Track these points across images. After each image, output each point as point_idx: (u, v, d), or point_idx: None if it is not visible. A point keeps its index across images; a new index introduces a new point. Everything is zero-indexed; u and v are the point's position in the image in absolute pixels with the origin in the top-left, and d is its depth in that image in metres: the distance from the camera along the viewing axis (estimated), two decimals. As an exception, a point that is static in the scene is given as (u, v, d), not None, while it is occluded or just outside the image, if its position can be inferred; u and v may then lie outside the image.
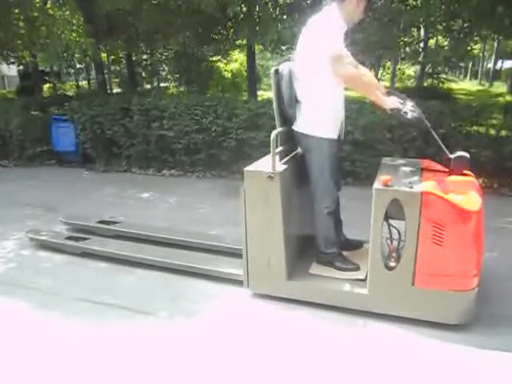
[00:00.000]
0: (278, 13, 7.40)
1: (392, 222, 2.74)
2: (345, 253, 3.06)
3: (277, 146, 2.78)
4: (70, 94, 12.31)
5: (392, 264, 2.63)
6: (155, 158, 6.50)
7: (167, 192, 5.47)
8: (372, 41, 6.03)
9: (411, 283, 2.52)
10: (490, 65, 27.52)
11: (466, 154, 2.65)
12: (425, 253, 2.45)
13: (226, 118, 5.87)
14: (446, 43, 9.11)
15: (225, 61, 14.15)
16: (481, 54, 26.54)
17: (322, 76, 2.66)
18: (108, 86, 12.08)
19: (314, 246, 3.04)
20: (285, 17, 6.77)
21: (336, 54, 2.55)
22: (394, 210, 2.49)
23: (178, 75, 13.55)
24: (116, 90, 14.87)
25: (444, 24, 7.13)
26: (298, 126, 2.83)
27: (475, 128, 5.35)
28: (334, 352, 2.43)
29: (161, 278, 3.30)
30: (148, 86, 14.78)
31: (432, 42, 9.57)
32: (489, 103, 6.65)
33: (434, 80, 14.03)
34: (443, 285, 2.47)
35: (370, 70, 18.92)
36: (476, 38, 6.99)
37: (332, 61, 2.55)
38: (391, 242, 2.76)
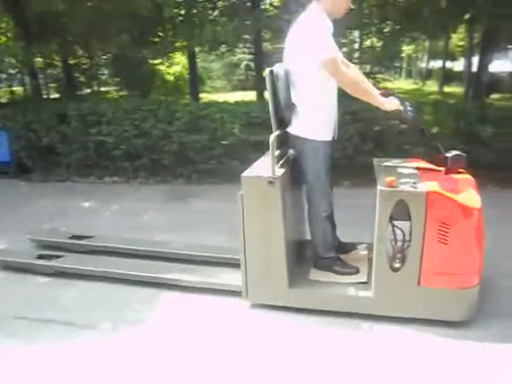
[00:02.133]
0: (216, 14, 7.41)
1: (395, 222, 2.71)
2: (341, 256, 3.02)
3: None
4: (4, 100, 11.69)
5: (397, 265, 2.59)
6: (96, 166, 6.29)
7: (109, 200, 5.32)
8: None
9: (417, 283, 2.52)
10: (423, 64, 28.93)
11: (462, 153, 2.66)
12: (430, 252, 2.45)
13: (166, 121, 5.79)
14: (379, 44, 9.48)
15: (167, 64, 13.97)
16: (414, 55, 27.82)
17: (317, 80, 2.62)
18: (45, 92, 11.57)
19: (312, 251, 2.98)
20: (224, 18, 6.79)
21: (331, 59, 2.50)
22: (396, 211, 2.47)
23: (118, 79, 13.22)
24: (54, 95, 14.27)
25: (376, 26, 7.45)
26: (294, 130, 2.77)
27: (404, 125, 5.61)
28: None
29: (104, 289, 3.20)
30: (88, 91, 14.30)
31: (367, 43, 9.92)
32: (421, 101, 7.00)
33: (371, 80, 14.59)
34: (448, 283, 2.49)
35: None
36: (407, 40, 7.36)
37: (328, 66, 2.52)
38: (395, 242, 2.71)
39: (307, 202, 2.87)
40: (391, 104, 2.63)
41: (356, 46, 9.48)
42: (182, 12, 7.46)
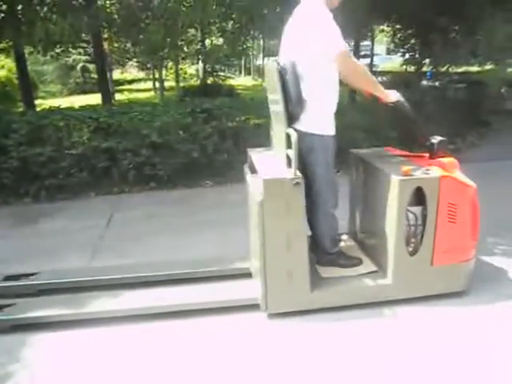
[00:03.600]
0: (45, 10, 6.64)
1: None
2: None
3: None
4: None
5: (412, 249, 2.69)
6: None
7: None
8: (155, 40, 5.97)
9: (430, 264, 2.68)
10: (259, 62, 30.60)
11: (445, 138, 2.83)
12: (442, 233, 2.63)
13: (1, 135, 5.03)
14: (219, 43, 9.67)
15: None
16: (250, 53, 29.22)
17: (327, 74, 2.60)
18: None
19: (314, 247, 2.90)
20: (54, 16, 6.13)
21: (343, 51, 2.46)
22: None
23: None
24: None
25: (218, 25, 7.56)
26: (303, 126, 2.62)
27: (262, 120, 5.82)
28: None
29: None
30: None
31: (208, 41, 10.04)
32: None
33: (215, 78, 14.90)
34: (454, 258, 2.71)
35: (153, 71, 18.88)
36: (247, 38, 7.63)
37: (341, 59, 2.47)
38: (409, 228, 2.71)
39: (314, 198, 2.75)
40: (394, 95, 2.73)
41: (199, 45, 9.51)
42: (4, 8, 6.52)
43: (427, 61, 9.69)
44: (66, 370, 2.33)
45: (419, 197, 2.60)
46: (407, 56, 10.30)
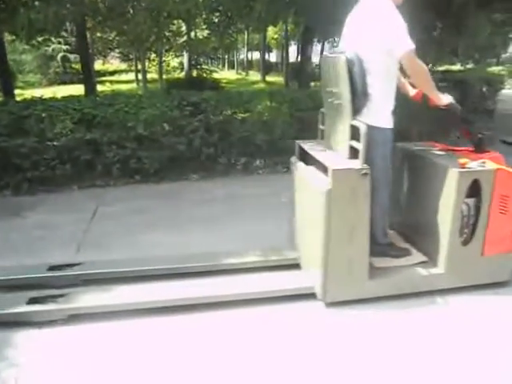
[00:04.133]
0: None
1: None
2: None
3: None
4: None
5: (464, 240, 2.79)
6: None
7: None
8: (141, 30, 5.86)
9: (481, 254, 2.80)
10: (243, 56, 30.49)
11: (491, 133, 3.02)
12: (493, 224, 2.75)
13: (-20, 125, 4.86)
14: (205, 35, 9.57)
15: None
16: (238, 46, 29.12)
17: (392, 69, 2.70)
18: None
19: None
20: (37, 3, 5.94)
21: (412, 49, 2.51)
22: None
23: None
24: None
25: (204, 16, 7.45)
26: (366, 119, 2.65)
27: (248, 114, 5.78)
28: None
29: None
30: None
31: (193, 34, 9.92)
32: (256, 90, 7.28)
33: (199, 71, 14.77)
34: (502, 249, 2.84)
35: (136, 62, 18.64)
36: (235, 31, 7.55)
37: (407, 57, 2.53)
38: (463, 218, 2.80)
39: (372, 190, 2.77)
40: (446, 99, 2.80)
41: (185, 37, 9.37)
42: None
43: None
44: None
45: (472, 188, 2.70)
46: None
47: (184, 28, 9.42)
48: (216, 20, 7.09)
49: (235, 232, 3.74)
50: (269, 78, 21.09)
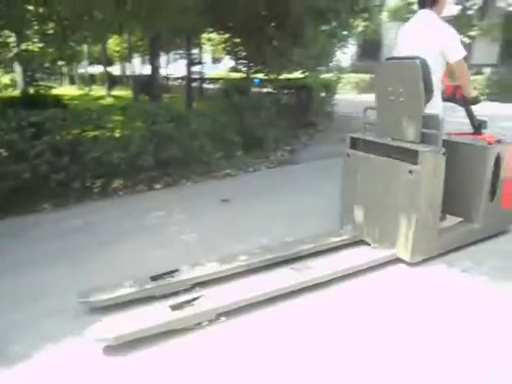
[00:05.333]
0: None
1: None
2: None
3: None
4: None
5: (490, 198, 3.53)
6: None
7: None
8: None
9: (500, 206, 3.60)
10: (83, 69, 28.67)
11: (485, 119, 3.69)
12: (507, 183, 3.57)
13: None
14: (37, 48, 8.69)
15: None
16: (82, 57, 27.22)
17: (443, 69, 3.36)
18: None
19: None
20: None
21: (464, 55, 3.25)
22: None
23: None
24: None
25: (37, 27, 6.72)
26: (430, 110, 3.23)
27: (100, 132, 5.36)
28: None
29: None
30: None
31: (25, 45, 8.86)
32: (105, 105, 6.82)
33: (36, 87, 13.33)
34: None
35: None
36: (74, 41, 6.93)
37: (461, 61, 3.26)
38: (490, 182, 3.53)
39: None
40: (475, 92, 3.53)
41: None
42: None
43: (255, 68, 10.25)
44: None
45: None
46: (234, 64, 10.75)
47: (14, 39, 8.34)
48: (51, 31, 6.43)
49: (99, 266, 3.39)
50: (115, 92, 20.16)
